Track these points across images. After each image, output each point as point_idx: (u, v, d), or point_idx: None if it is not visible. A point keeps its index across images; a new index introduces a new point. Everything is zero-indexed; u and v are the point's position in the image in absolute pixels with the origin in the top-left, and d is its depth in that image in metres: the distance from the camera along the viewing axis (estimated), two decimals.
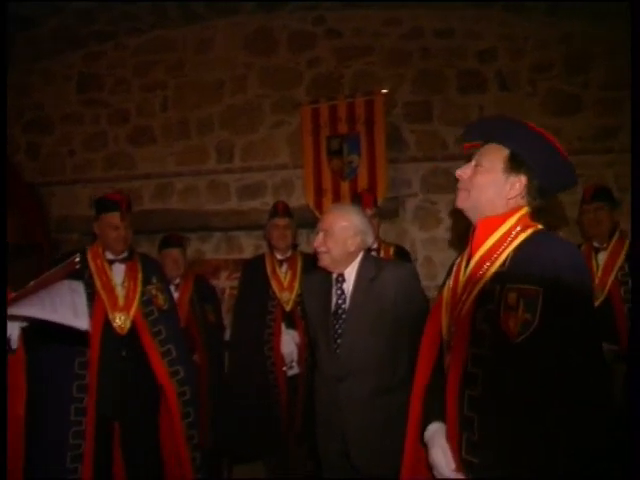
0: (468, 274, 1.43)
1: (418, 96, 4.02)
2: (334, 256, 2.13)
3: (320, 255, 2.16)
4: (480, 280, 1.38)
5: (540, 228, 1.41)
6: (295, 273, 3.20)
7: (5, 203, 2.03)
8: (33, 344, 1.93)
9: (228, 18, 4.24)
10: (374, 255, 2.87)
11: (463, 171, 1.48)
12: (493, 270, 1.36)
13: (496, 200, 1.42)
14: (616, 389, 1.45)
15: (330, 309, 2.16)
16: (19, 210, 4.08)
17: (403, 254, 3.24)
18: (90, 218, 4.25)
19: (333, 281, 2.19)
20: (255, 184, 4.23)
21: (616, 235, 2.88)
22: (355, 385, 2.06)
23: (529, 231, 1.38)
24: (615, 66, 3.69)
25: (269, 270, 3.19)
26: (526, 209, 1.43)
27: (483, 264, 1.39)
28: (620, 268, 2.81)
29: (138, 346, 2.47)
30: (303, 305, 2.50)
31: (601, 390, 1.24)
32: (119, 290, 2.50)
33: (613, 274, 2.81)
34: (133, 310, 2.48)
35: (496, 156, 1.43)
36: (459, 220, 3.65)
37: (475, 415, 1.31)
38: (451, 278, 1.52)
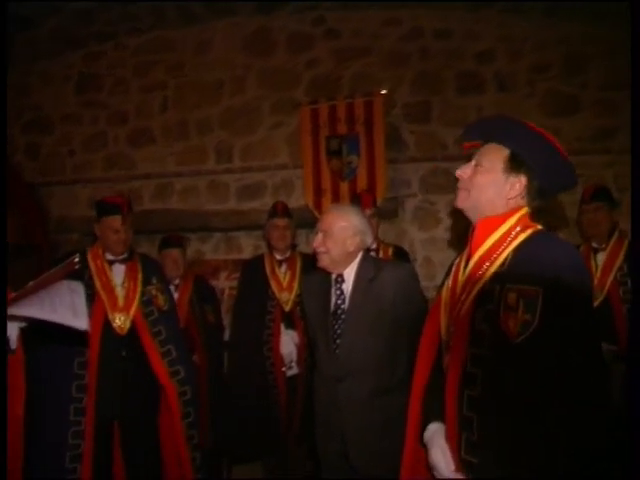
0: (467, 274, 1.43)
1: (417, 97, 4.03)
2: (333, 256, 2.12)
3: (319, 255, 2.15)
4: (479, 280, 1.37)
5: (540, 228, 1.41)
6: (294, 273, 3.20)
7: (5, 203, 2.03)
8: (32, 344, 1.93)
9: (227, 19, 4.24)
10: (373, 255, 2.87)
11: (463, 171, 1.48)
12: (493, 270, 1.36)
13: (496, 200, 1.41)
14: (614, 389, 1.44)
15: (329, 309, 2.16)
16: (19, 210, 4.08)
17: (402, 254, 3.24)
18: (89, 218, 4.26)
19: (332, 281, 2.18)
20: (254, 184, 4.23)
21: (615, 235, 2.89)
22: (354, 385, 2.06)
23: (529, 231, 1.37)
24: (613, 67, 3.70)
25: (268, 270, 3.19)
26: (526, 209, 1.43)
27: (483, 264, 1.39)
28: (619, 268, 2.81)
29: (138, 346, 2.47)
30: (302, 305, 2.50)
31: (601, 390, 1.24)
32: (119, 290, 2.50)
33: (612, 274, 2.81)
34: (133, 310, 2.48)
35: (496, 156, 1.43)
36: (458, 220, 3.66)
37: (474, 415, 1.31)
38: (450, 278, 1.52)
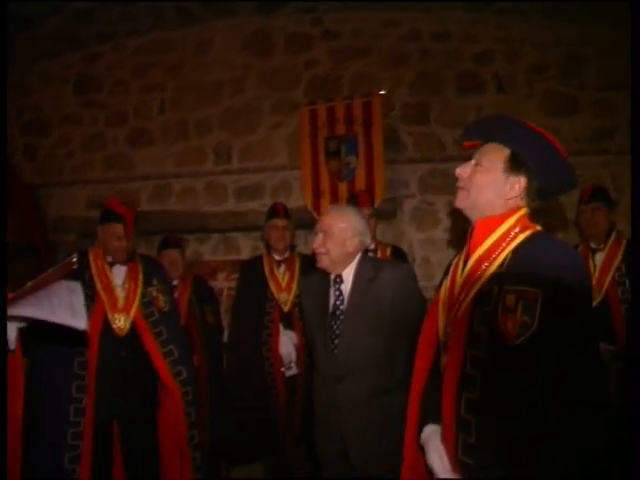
0: (466, 274, 1.42)
1: (416, 98, 4.03)
2: (333, 257, 2.12)
3: (319, 256, 2.15)
4: (478, 281, 1.37)
5: (539, 229, 1.40)
6: (293, 274, 3.20)
7: (5, 203, 2.03)
8: (33, 345, 1.93)
9: (226, 20, 4.25)
10: (371, 256, 2.87)
11: (463, 170, 1.47)
12: (491, 271, 1.35)
13: (495, 200, 1.41)
14: (612, 389, 1.44)
15: (328, 310, 2.16)
16: (18, 210, 4.08)
17: (400, 255, 3.24)
18: (88, 219, 4.30)
19: (331, 282, 2.18)
20: (253, 185, 4.23)
21: (613, 236, 2.88)
22: (353, 386, 2.06)
23: (528, 232, 1.37)
24: (611, 67, 3.71)
25: (267, 271, 3.19)
26: (525, 210, 1.42)
27: (481, 264, 1.38)
28: (617, 269, 2.80)
29: (138, 347, 2.47)
30: (301, 306, 2.50)
31: (600, 390, 1.24)
32: (119, 291, 2.50)
33: (610, 274, 2.80)
34: (133, 311, 2.48)
35: (496, 156, 1.42)
36: (457, 221, 3.67)
37: (473, 417, 1.30)
38: (448, 278, 1.51)
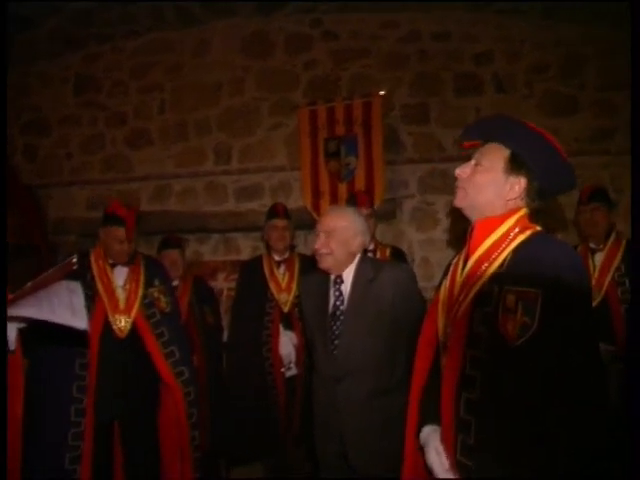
0: (465, 275, 1.42)
1: (415, 98, 4.04)
2: (337, 257, 2.11)
3: (322, 257, 2.12)
4: (478, 281, 1.36)
5: (539, 230, 1.40)
6: (293, 274, 3.19)
7: (5, 203, 2.03)
8: (33, 345, 1.93)
9: (225, 21, 4.25)
10: (371, 256, 2.88)
11: (462, 170, 1.46)
12: (491, 271, 1.35)
13: (495, 200, 1.40)
14: (611, 389, 1.44)
15: (327, 310, 2.15)
16: (18, 210, 4.08)
17: (399, 255, 3.24)
18: (87, 220, 4.30)
19: (331, 282, 2.18)
20: (253, 186, 4.23)
21: (612, 236, 2.88)
22: (353, 386, 2.05)
23: (528, 232, 1.36)
24: (611, 67, 3.72)
25: (267, 271, 3.19)
26: (525, 210, 1.41)
27: (481, 265, 1.38)
28: (617, 269, 2.81)
29: (139, 348, 2.47)
30: (301, 306, 2.49)
31: (599, 390, 1.24)
32: (120, 293, 2.50)
33: (610, 275, 2.80)
34: (134, 313, 2.48)
35: (496, 156, 1.41)
36: (456, 221, 3.67)
37: (472, 418, 1.30)
38: (447, 278, 1.51)
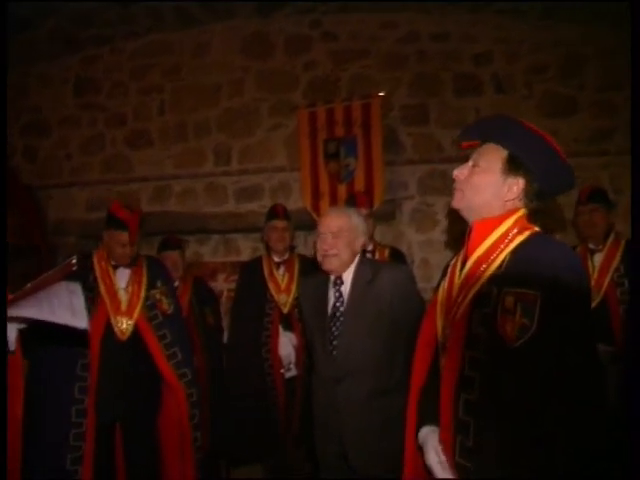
0: (464, 276, 1.41)
1: (414, 99, 4.04)
2: (343, 258, 2.11)
3: (328, 258, 2.11)
4: (477, 282, 1.36)
5: (537, 230, 1.39)
6: (292, 275, 3.20)
7: (5, 204, 2.03)
8: (34, 346, 1.94)
9: (225, 22, 4.26)
10: (369, 257, 2.88)
11: (460, 171, 1.46)
12: (490, 272, 1.34)
13: (493, 202, 1.39)
14: (610, 390, 1.44)
15: (327, 311, 2.15)
16: (18, 210, 4.08)
17: (398, 256, 3.24)
18: (87, 221, 4.30)
19: (330, 284, 2.18)
20: (252, 187, 4.24)
21: (611, 237, 2.88)
22: (353, 387, 2.06)
23: (526, 233, 1.36)
24: (610, 68, 3.72)
25: (266, 272, 3.19)
26: (523, 211, 1.41)
27: (480, 266, 1.37)
28: (616, 269, 2.80)
29: (140, 350, 2.47)
30: (300, 307, 2.50)
31: (598, 391, 1.24)
32: (122, 294, 2.51)
33: (609, 275, 2.80)
34: (136, 314, 2.48)
35: (494, 157, 1.40)
36: (455, 222, 3.67)
37: (471, 419, 1.29)
38: (446, 279, 1.50)
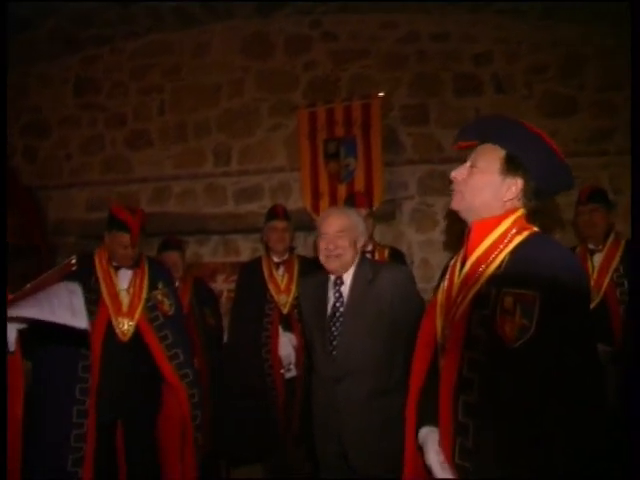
0: (463, 276, 1.41)
1: (414, 99, 4.04)
2: (347, 258, 2.13)
3: (333, 259, 2.12)
4: (476, 283, 1.36)
5: (536, 230, 1.38)
6: (292, 276, 3.20)
7: (5, 204, 2.03)
8: (36, 347, 1.94)
9: (225, 22, 4.26)
10: (369, 258, 2.88)
11: (458, 173, 1.45)
12: (489, 273, 1.34)
13: (492, 202, 1.39)
14: (610, 390, 1.44)
15: (326, 311, 2.16)
16: (18, 211, 4.08)
17: (398, 256, 3.25)
18: (87, 221, 4.30)
19: (330, 284, 2.19)
20: (252, 187, 4.24)
21: (611, 237, 2.88)
22: (352, 387, 2.06)
23: (525, 233, 1.35)
24: (610, 68, 3.72)
25: (266, 273, 3.19)
26: (522, 211, 1.40)
27: (479, 266, 1.37)
28: (615, 270, 2.80)
29: (141, 351, 2.47)
30: (300, 308, 2.50)
31: (598, 391, 1.23)
32: (123, 296, 2.50)
33: (609, 276, 2.80)
34: (137, 316, 2.48)
35: (492, 157, 1.39)
36: (455, 222, 3.66)
37: (470, 421, 1.29)
38: (445, 280, 1.50)
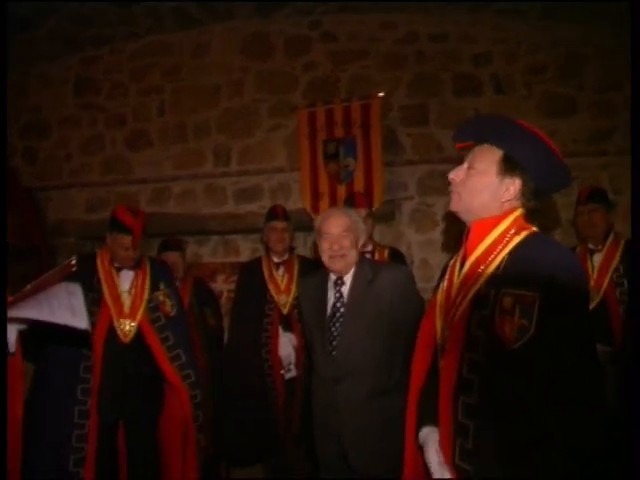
0: (463, 277, 1.41)
1: (414, 99, 4.04)
2: (351, 258, 2.14)
3: (336, 259, 2.13)
4: (475, 283, 1.35)
5: (535, 230, 1.38)
6: (292, 276, 3.20)
7: (5, 205, 2.04)
8: (38, 348, 1.94)
9: (224, 23, 4.26)
10: (369, 258, 2.88)
11: (455, 174, 1.45)
12: (488, 273, 1.34)
13: (490, 203, 1.39)
14: (609, 390, 1.44)
15: (326, 311, 2.16)
16: (18, 212, 4.08)
17: (398, 256, 3.24)
18: (87, 222, 4.30)
19: (330, 284, 2.19)
20: (252, 187, 4.24)
21: (611, 237, 2.88)
22: (352, 387, 2.06)
23: (524, 233, 1.35)
24: (610, 68, 3.72)
25: (266, 273, 3.20)
26: (520, 211, 1.40)
27: (478, 267, 1.37)
28: (615, 270, 2.80)
29: (143, 352, 2.47)
30: (300, 308, 2.50)
31: (596, 390, 1.23)
32: (125, 297, 2.51)
33: (608, 276, 2.80)
34: (139, 316, 2.48)
35: (489, 158, 1.39)
36: (455, 223, 3.67)
37: (470, 422, 1.29)
38: (445, 280, 1.50)
